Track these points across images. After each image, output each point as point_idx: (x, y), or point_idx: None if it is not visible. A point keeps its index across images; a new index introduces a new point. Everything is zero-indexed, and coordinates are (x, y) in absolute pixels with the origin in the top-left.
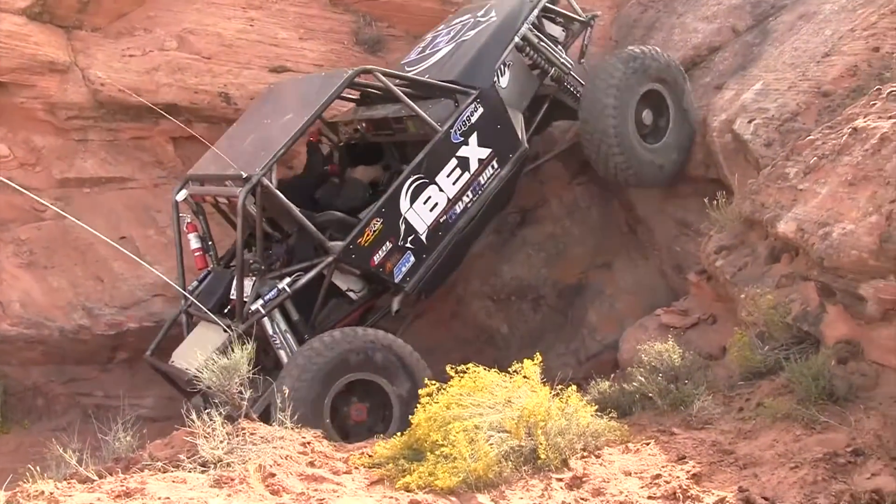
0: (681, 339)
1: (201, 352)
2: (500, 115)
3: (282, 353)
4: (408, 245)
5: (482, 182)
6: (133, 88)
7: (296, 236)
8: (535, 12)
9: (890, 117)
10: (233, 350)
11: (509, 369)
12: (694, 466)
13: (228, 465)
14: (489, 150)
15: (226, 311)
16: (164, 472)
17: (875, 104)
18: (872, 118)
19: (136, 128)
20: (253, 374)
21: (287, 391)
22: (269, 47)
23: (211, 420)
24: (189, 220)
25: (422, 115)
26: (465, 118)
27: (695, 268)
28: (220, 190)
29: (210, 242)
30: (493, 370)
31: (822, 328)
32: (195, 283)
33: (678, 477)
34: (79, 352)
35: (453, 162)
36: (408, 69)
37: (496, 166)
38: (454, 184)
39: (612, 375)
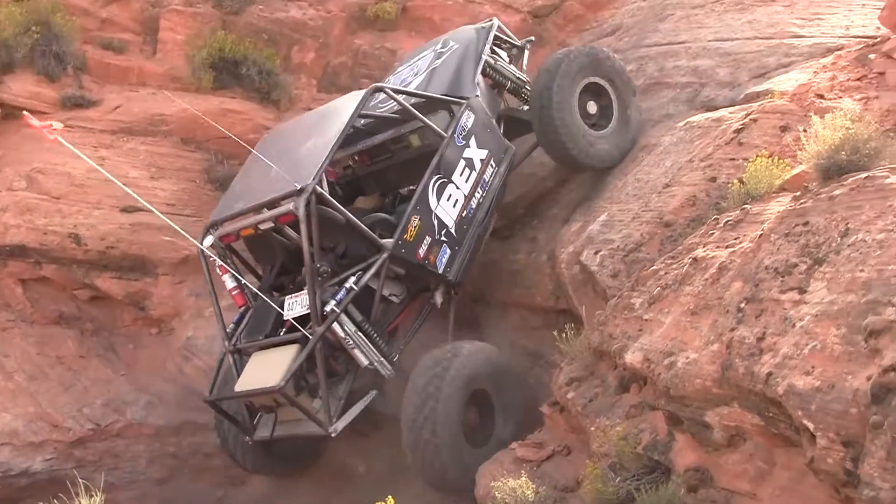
0: (536, 473)
1: (278, 367)
2: (487, 120)
3: (356, 353)
4: (442, 238)
5: (486, 179)
6: None
7: (347, 241)
8: (492, 34)
9: (727, 246)
10: (312, 354)
11: None
12: None
13: None
14: (486, 151)
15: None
16: None
17: (713, 234)
18: (711, 247)
19: None
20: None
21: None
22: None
23: None
24: (220, 265)
25: (429, 124)
26: (462, 124)
27: (548, 399)
28: (261, 216)
29: (243, 281)
30: None
31: (672, 456)
32: (232, 326)
33: None
34: None
35: (462, 163)
36: (380, 107)
37: (494, 165)
38: (466, 181)
39: None
